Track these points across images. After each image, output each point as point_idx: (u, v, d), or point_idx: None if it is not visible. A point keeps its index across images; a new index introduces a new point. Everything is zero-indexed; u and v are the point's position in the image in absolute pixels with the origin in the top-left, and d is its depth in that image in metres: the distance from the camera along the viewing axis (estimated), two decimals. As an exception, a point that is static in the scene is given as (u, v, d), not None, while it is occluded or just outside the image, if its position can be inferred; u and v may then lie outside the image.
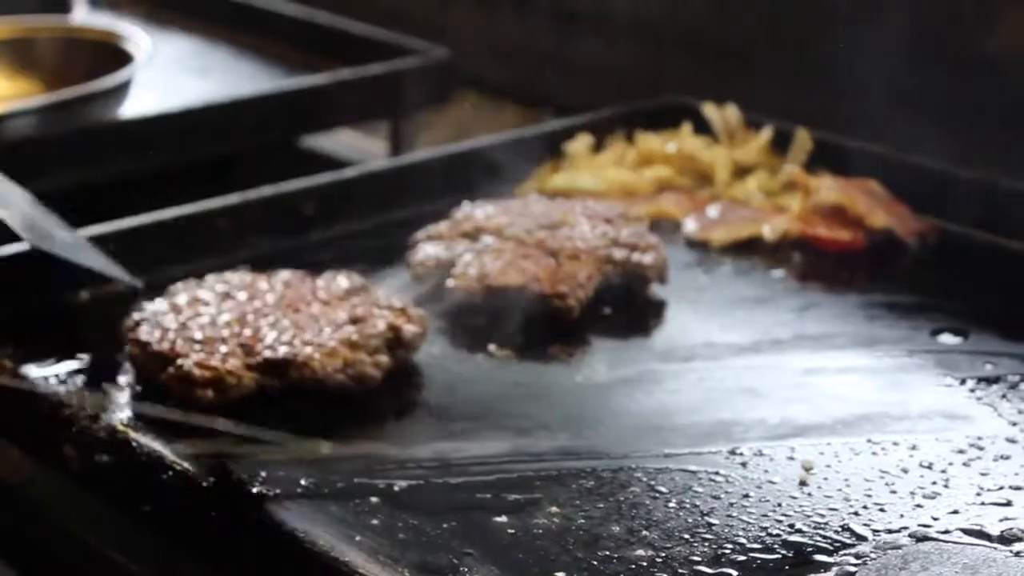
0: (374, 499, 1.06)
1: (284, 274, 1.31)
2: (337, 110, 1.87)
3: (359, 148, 2.07)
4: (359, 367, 1.18)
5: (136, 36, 1.87)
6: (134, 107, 1.78)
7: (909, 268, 1.50)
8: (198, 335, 1.21)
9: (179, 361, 1.18)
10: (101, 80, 1.74)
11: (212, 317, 1.23)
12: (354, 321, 1.23)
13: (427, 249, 1.40)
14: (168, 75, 1.98)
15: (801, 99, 1.78)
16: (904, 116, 1.71)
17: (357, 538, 1.02)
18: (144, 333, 1.21)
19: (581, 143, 1.68)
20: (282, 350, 1.19)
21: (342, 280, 1.30)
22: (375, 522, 1.04)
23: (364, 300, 1.26)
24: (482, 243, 1.39)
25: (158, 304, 1.26)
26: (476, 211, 1.46)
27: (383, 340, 1.22)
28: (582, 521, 1.04)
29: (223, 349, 1.19)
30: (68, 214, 1.42)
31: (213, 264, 1.37)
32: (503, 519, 1.04)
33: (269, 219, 1.49)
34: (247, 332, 1.21)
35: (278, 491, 1.07)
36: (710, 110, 1.72)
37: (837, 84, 1.71)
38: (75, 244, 1.34)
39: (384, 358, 1.20)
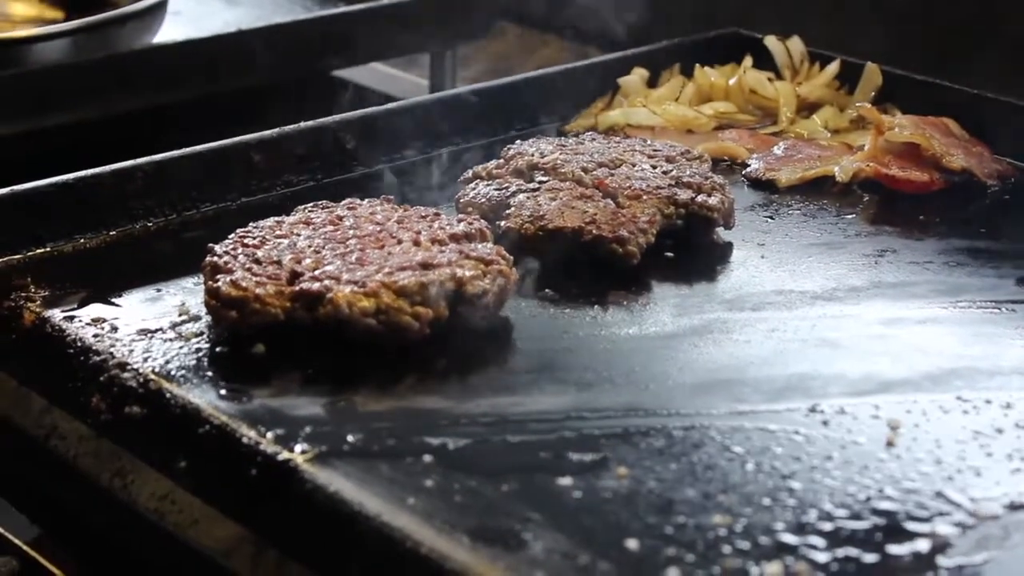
0: (427, 458, 0.98)
1: (389, 208, 1.24)
2: (373, 41, 1.78)
3: (399, 81, 1.99)
4: (393, 315, 1.09)
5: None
6: (165, 35, 1.70)
7: (990, 212, 1.42)
8: (261, 256, 1.14)
9: (218, 277, 1.12)
10: (132, 4, 1.65)
11: (293, 242, 1.17)
12: (425, 266, 1.14)
13: (478, 188, 1.31)
14: (199, 2, 1.90)
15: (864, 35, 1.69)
16: (981, 53, 1.62)
17: (410, 501, 0.93)
18: (219, 249, 1.16)
19: (636, 77, 1.59)
20: (319, 284, 1.10)
21: (454, 223, 1.21)
22: (429, 483, 0.95)
23: (463, 246, 1.17)
24: (536, 182, 1.31)
25: (252, 227, 1.20)
26: (529, 148, 1.37)
27: (441, 291, 1.12)
28: (653, 484, 0.96)
29: (273, 273, 1.12)
30: (98, 145, 1.34)
31: (249, 200, 1.29)
32: (568, 481, 0.96)
33: (307, 153, 1.41)
34: (308, 261, 1.14)
35: (323, 448, 0.98)
36: (772, 42, 1.63)
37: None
38: None
39: (425, 310, 1.10)
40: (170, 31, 1.72)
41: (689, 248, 1.30)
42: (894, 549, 0.91)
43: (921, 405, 1.06)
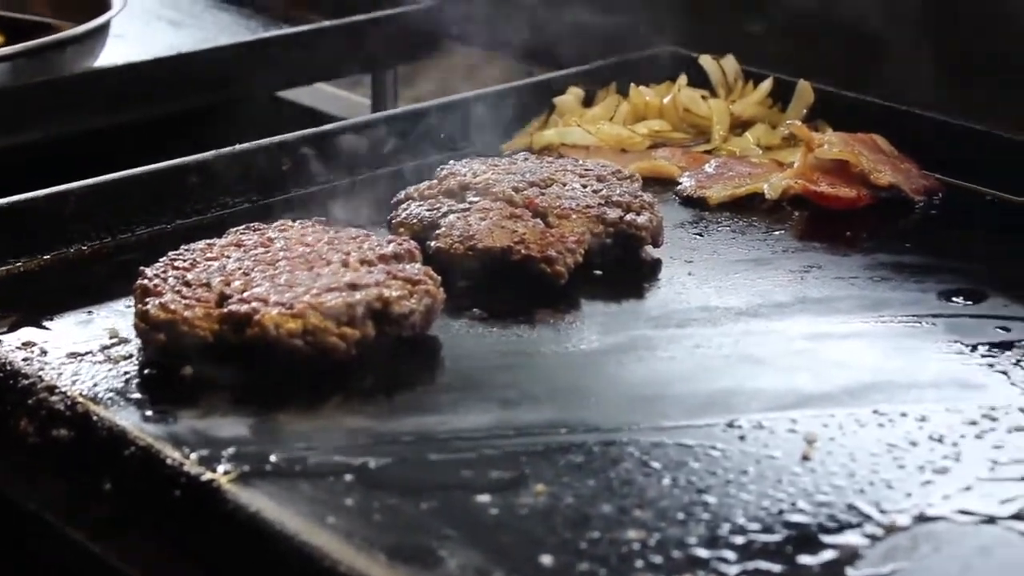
0: (348, 477, 0.99)
1: (320, 230, 1.26)
2: (316, 62, 1.79)
3: (342, 102, 2.00)
4: (320, 336, 1.11)
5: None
6: (107, 58, 1.71)
7: (916, 228, 1.44)
8: (191, 278, 1.16)
9: (147, 300, 1.13)
10: (75, 28, 1.66)
11: (223, 265, 1.18)
12: (353, 287, 1.16)
13: (410, 208, 1.33)
14: (142, 26, 1.91)
15: (803, 51, 1.71)
16: (913, 68, 1.64)
17: (329, 519, 0.95)
18: (149, 272, 1.17)
19: (571, 96, 1.61)
20: (247, 306, 1.12)
21: (384, 244, 1.22)
22: (349, 502, 0.97)
23: (391, 267, 1.19)
24: (467, 202, 1.32)
25: (183, 249, 1.22)
26: (461, 168, 1.39)
27: (367, 311, 1.14)
28: (570, 500, 0.98)
29: (202, 296, 1.13)
30: (38, 168, 1.36)
31: (184, 222, 1.30)
32: (486, 498, 0.97)
33: (243, 175, 1.42)
34: (237, 283, 1.15)
35: (246, 468, 1.00)
36: (707, 61, 1.65)
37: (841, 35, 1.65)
38: None
39: (351, 331, 1.12)
40: (114, 54, 1.73)
41: (618, 266, 1.31)
42: (804, 560, 0.92)
43: (838, 419, 1.08)
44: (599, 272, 1.30)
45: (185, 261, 1.20)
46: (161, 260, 1.20)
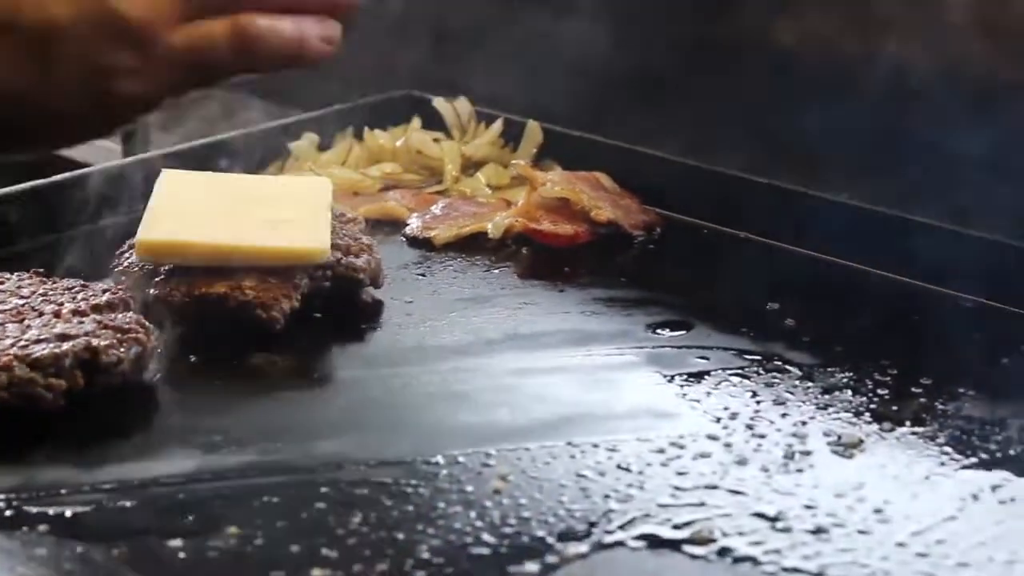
0: (42, 527, 1.01)
1: (37, 282, 1.27)
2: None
3: (95, 149, 2.00)
4: (25, 387, 1.12)
5: None
6: None
7: (633, 262, 1.49)
8: None
9: None
10: None
11: None
12: (62, 338, 1.17)
13: (132, 256, 1.34)
14: None
15: (534, 92, 1.76)
16: (638, 107, 1.70)
17: (20, 570, 0.96)
18: None
19: (305, 141, 1.64)
20: (-47, 362, 1.13)
21: (98, 293, 1.24)
22: (41, 551, 0.99)
23: (104, 316, 1.20)
24: (189, 250, 1.34)
25: None
26: (185, 215, 1.41)
27: (75, 361, 1.16)
28: (260, 542, 1.00)
29: None
30: None
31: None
32: (177, 543, 1.00)
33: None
34: None
35: (-59, 522, 1.01)
36: (440, 103, 1.69)
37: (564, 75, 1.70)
38: None
39: (58, 381, 1.13)
40: None
41: (340, 308, 1.34)
42: (481, 591, 0.97)
43: (532, 452, 1.12)
44: (319, 315, 1.33)
45: None
46: None
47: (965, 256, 1.39)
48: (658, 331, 1.32)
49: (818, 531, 1.03)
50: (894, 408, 1.19)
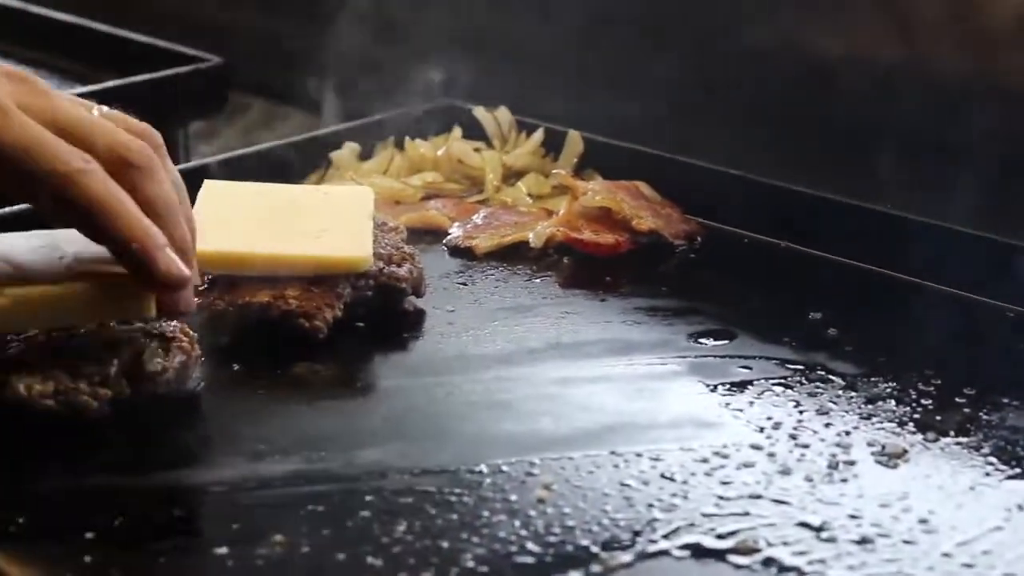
0: (89, 535, 1.01)
1: None
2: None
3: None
4: (72, 396, 1.13)
5: None
6: None
7: (674, 271, 1.49)
8: None
9: None
10: None
11: None
12: (108, 346, 1.18)
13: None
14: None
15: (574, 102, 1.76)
16: (680, 116, 1.70)
17: (67, 577, 0.97)
18: None
19: (347, 151, 1.65)
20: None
21: None
22: (88, 559, 0.99)
23: (147, 325, 1.20)
24: (233, 257, 1.35)
25: None
26: (229, 225, 1.41)
27: (120, 370, 1.16)
28: (306, 550, 1.01)
29: None
30: None
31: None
32: (223, 550, 1.00)
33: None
34: None
35: (-10, 530, 1.02)
36: (481, 113, 1.70)
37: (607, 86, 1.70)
38: None
39: (104, 390, 1.14)
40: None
41: (383, 317, 1.35)
42: (526, 600, 0.97)
43: (575, 462, 1.12)
44: (361, 324, 1.33)
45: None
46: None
47: (1008, 266, 1.39)
48: (700, 340, 1.32)
49: (863, 541, 1.03)
50: (938, 418, 1.19)
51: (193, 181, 1.46)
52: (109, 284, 1.15)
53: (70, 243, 1.22)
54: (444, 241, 1.52)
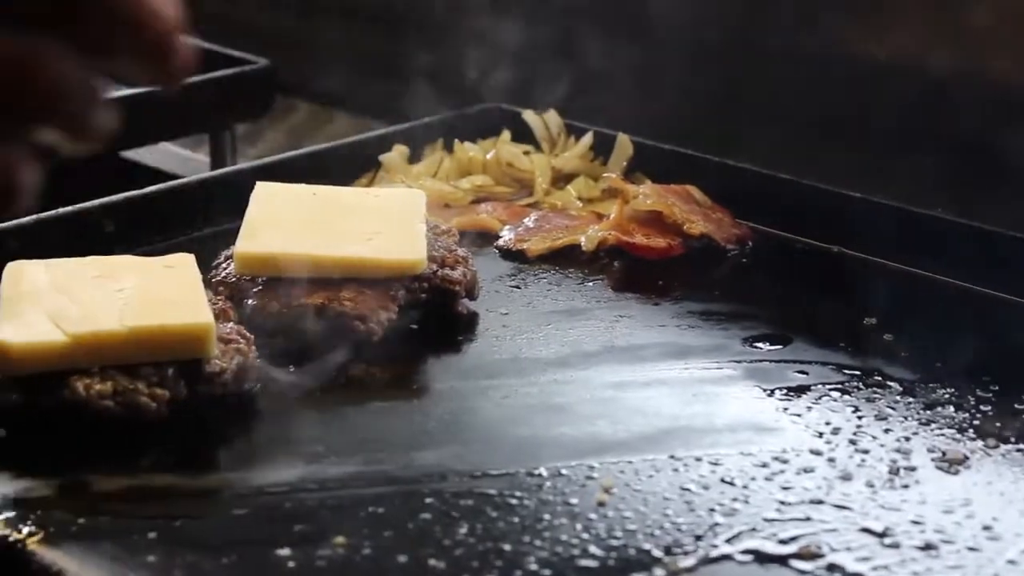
0: (152, 534, 1.01)
1: None
2: (152, 122, 1.81)
3: (183, 161, 2.02)
4: (130, 396, 1.13)
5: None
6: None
7: (726, 275, 1.48)
8: None
9: None
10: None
11: None
12: None
13: (229, 267, 1.35)
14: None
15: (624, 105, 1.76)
16: (729, 120, 1.70)
17: (130, 576, 0.97)
18: None
19: (396, 153, 1.64)
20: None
21: None
22: (151, 559, 0.99)
23: None
24: (287, 260, 1.35)
25: None
26: (283, 227, 1.41)
27: (178, 371, 1.16)
28: (368, 551, 1.00)
29: None
30: None
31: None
32: (285, 552, 1.00)
33: (66, 239, 1.43)
34: None
35: (52, 529, 1.02)
36: (530, 116, 1.69)
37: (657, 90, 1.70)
38: None
39: (162, 391, 1.14)
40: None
41: (436, 319, 1.34)
42: (591, 604, 0.96)
43: (635, 465, 1.12)
44: (415, 326, 1.33)
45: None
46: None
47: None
48: (755, 345, 1.31)
49: (927, 547, 1.02)
50: (998, 425, 1.18)
51: (243, 183, 1.48)
52: (171, 325, 1.16)
53: (128, 270, 1.23)
54: (495, 244, 1.52)
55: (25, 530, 1.01)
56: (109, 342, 1.14)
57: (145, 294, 1.20)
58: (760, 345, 1.32)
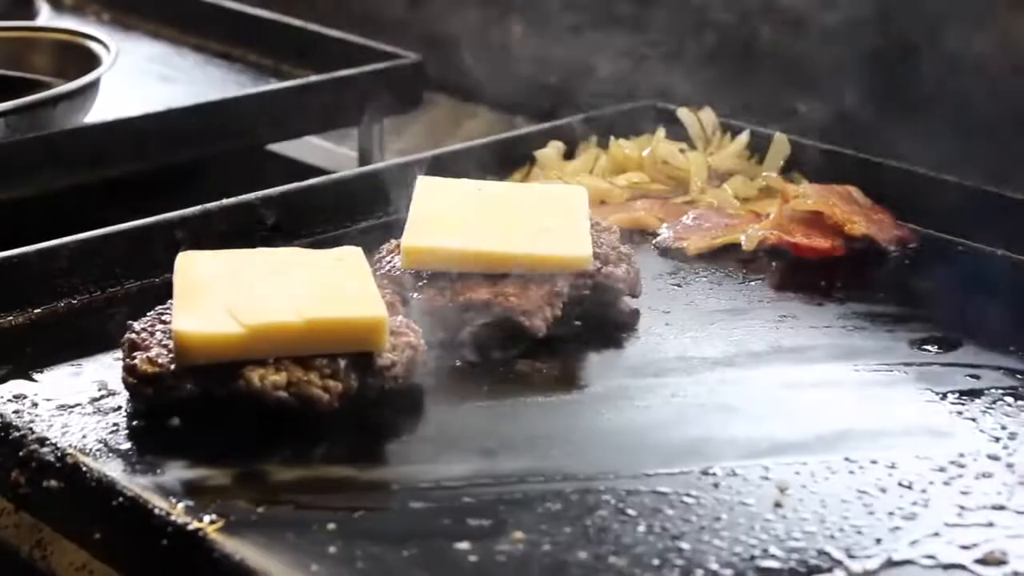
0: (331, 526, 1.02)
1: None
2: (302, 116, 1.82)
3: (329, 154, 2.03)
4: (304, 388, 1.13)
5: (101, 40, 1.82)
6: (98, 113, 1.74)
7: (889, 277, 1.47)
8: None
9: (135, 354, 1.16)
10: (66, 85, 1.69)
11: None
12: None
13: (394, 260, 1.35)
14: (133, 81, 1.94)
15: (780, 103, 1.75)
16: (886, 120, 1.68)
17: (313, 567, 0.97)
18: (137, 326, 1.19)
19: (551, 149, 1.64)
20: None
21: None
22: (332, 550, 0.99)
23: None
24: (450, 254, 1.35)
25: (171, 303, 1.22)
26: (445, 220, 1.41)
27: (350, 363, 1.17)
28: (547, 547, 1.00)
29: None
30: (30, 223, 1.38)
31: (172, 277, 1.33)
32: (465, 546, 1.00)
33: (229, 230, 1.45)
34: None
35: (232, 518, 1.02)
36: (684, 114, 1.68)
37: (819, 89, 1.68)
38: None
39: (334, 383, 1.14)
40: (104, 109, 1.75)
41: (598, 316, 1.34)
42: (775, 605, 0.96)
43: (810, 467, 1.11)
44: (578, 323, 1.32)
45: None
46: (149, 314, 1.22)
47: None
48: (924, 348, 1.30)
49: (1117, 557, 1.00)
50: None
51: (399, 178, 1.48)
52: (347, 318, 1.16)
53: (297, 262, 1.24)
54: (654, 242, 1.51)
55: (207, 519, 1.02)
56: (285, 334, 1.15)
57: (318, 287, 1.20)
58: (929, 348, 1.30)
